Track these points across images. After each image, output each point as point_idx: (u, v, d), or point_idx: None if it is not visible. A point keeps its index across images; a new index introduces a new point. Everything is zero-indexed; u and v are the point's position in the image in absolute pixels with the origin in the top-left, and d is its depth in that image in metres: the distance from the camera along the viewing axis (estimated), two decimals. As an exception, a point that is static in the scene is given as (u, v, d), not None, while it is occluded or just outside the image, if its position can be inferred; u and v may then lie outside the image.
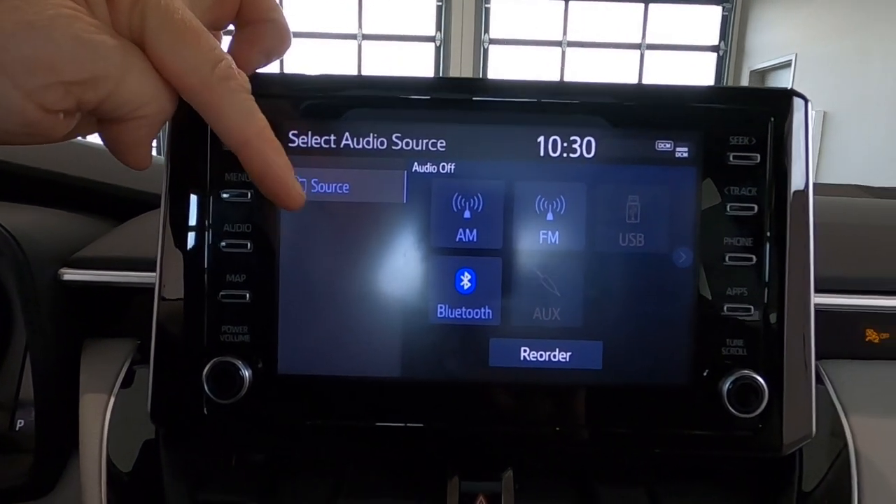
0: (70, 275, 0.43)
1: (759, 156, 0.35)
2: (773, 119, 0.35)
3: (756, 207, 0.35)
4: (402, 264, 0.35)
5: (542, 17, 6.35)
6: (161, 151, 0.45)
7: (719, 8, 6.35)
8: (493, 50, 6.41)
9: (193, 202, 0.34)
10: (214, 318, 0.35)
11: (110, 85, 0.24)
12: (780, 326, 0.35)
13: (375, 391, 0.35)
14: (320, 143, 0.35)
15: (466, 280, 0.35)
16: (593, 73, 6.31)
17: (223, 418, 0.35)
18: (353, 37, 6.27)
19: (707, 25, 6.41)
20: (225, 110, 0.26)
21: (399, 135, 0.35)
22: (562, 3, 6.29)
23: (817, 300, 0.36)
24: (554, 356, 0.35)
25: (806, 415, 0.35)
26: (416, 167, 0.35)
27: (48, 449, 0.42)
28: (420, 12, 6.36)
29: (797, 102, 0.35)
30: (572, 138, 0.35)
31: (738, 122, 0.35)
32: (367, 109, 0.35)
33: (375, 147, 0.35)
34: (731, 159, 0.35)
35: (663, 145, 0.35)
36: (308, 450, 0.44)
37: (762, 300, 0.35)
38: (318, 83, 0.35)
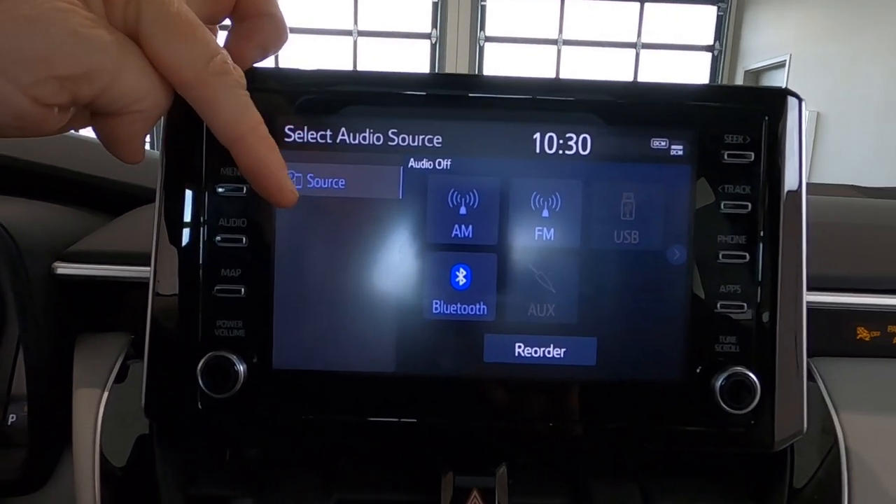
0: (64, 269, 0.43)
1: (754, 154, 0.35)
2: (768, 118, 0.35)
3: (750, 206, 0.35)
4: (398, 260, 0.35)
5: (538, 15, 6.35)
6: (154, 146, 0.45)
7: (714, 8, 6.37)
8: (489, 48, 6.41)
9: (188, 196, 0.34)
10: (209, 313, 0.34)
11: (106, 79, 0.23)
12: (773, 324, 0.35)
13: (370, 386, 0.35)
14: (316, 139, 0.34)
15: (462, 276, 0.35)
16: (589, 72, 6.32)
17: (217, 413, 0.35)
18: (349, 33, 6.25)
19: (702, 25, 6.43)
20: (219, 105, 0.26)
21: (395, 131, 0.35)
22: (557, 2, 6.29)
23: (810, 298, 0.36)
24: (548, 352, 0.35)
25: (797, 412, 0.36)
26: (412, 163, 0.35)
27: (41, 443, 0.42)
28: (416, 9, 6.35)
29: (791, 102, 0.35)
30: (568, 135, 0.35)
31: (733, 121, 0.35)
32: (364, 105, 0.35)
33: (371, 143, 0.35)
34: (726, 158, 0.35)
35: (658, 143, 0.35)
36: (302, 445, 0.44)
37: (755, 298, 0.35)
38: (315, 78, 0.35)
